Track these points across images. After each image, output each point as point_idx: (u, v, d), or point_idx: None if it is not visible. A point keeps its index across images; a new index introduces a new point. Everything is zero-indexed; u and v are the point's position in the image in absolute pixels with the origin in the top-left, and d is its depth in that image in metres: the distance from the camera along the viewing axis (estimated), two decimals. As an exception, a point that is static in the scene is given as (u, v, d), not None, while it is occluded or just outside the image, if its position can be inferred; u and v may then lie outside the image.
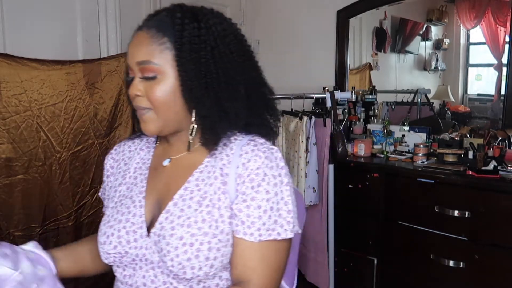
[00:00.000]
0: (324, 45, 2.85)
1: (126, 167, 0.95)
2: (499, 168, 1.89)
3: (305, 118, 2.03)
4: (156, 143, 0.96)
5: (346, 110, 2.70)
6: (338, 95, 2.21)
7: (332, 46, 2.81)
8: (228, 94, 0.81)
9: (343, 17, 2.75)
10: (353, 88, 2.80)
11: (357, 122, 2.71)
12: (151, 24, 0.81)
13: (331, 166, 2.05)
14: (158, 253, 0.80)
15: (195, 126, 0.82)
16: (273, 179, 0.79)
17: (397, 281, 2.14)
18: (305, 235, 2.24)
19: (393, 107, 2.80)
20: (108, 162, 1.01)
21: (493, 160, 1.93)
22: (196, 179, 0.83)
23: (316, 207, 2.11)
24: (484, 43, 2.61)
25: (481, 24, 2.58)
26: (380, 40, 2.89)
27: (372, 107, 2.78)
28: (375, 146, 2.45)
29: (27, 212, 2.03)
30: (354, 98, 2.63)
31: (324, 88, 2.67)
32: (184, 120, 0.83)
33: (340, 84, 2.78)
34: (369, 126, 2.63)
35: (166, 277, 0.80)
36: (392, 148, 2.41)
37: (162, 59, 0.78)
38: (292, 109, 2.20)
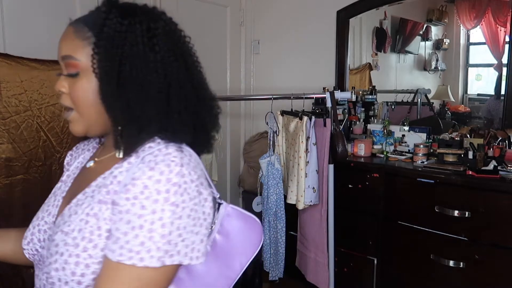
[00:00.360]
0: (324, 45, 2.85)
1: (69, 166, 0.94)
2: (499, 168, 1.89)
3: (305, 118, 2.03)
4: (99, 144, 0.91)
5: (346, 110, 2.70)
6: (338, 95, 2.21)
7: (332, 46, 2.81)
8: (141, 96, 0.72)
9: (343, 17, 2.75)
10: (353, 88, 2.80)
11: (357, 122, 2.71)
12: (80, 19, 0.77)
13: (331, 166, 2.05)
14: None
15: (114, 129, 0.75)
16: (156, 195, 0.66)
17: (397, 281, 2.14)
18: (305, 235, 2.24)
19: (393, 107, 2.80)
20: (66, 158, 0.98)
21: (493, 160, 1.93)
22: (96, 185, 0.76)
23: (316, 207, 2.11)
24: (484, 43, 2.61)
25: (481, 24, 2.58)
26: (380, 40, 2.89)
27: (372, 107, 2.78)
28: (375, 146, 2.45)
29: (27, 212, 2.03)
30: (354, 98, 2.63)
31: (324, 88, 2.67)
32: (109, 121, 0.75)
33: (340, 84, 2.78)
34: (369, 126, 2.63)
35: (47, 285, 0.74)
36: (392, 148, 2.41)
37: (85, 55, 0.73)
38: (292, 109, 2.20)
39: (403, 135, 2.42)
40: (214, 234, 0.78)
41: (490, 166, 1.90)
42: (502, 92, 2.31)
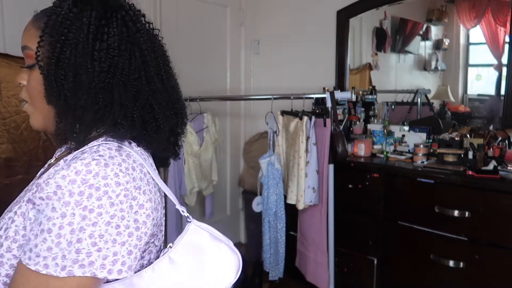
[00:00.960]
0: (324, 45, 2.85)
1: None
2: (499, 168, 1.89)
3: (305, 118, 2.04)
4: None
5: (346, 110, 2.70)
6: (338, 95, 2.21)
7: (332, 46, 2.81)
8: (77, 84, 0.67)
9: (343, 17, 2.75)
10: (353, 88, 2.80)
11: (357, 122, 2.71)
12: (40, 11, 0.74)
13: (331, 166, 2.05)
14: None
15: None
16: (68, 197, 0.60)
17: (397, 281, 2.14)
18: (305, 235, 2.24)
19: (393, 107, 2.79)
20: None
21: (493, 160, 1.93)
22: (32, 183, 0.73)
23: (316, 207, 2.11)
24: (484, 43, 2.61)
25: (481, 24, 2.58)
26: (380, 40, 2.89)
27: (372, 107, 2.78)
28: (375, 146, 2.45)
29: (27, 212, 2.04)
30: (354, 98, 2.62)
31: (324, 88, 2.66)
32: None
33: (340, 84, 2.78)
34: (369, 126, 2.63)
35: None
36: (392, 148, 2.41)
37: (38, 47, 0.69)
38: (292, 109, 2.20)
39: (403, 135, 2.42)
40: (167, 256, 0.70)
41: (490, 166, 1.90)
42: (502, 92, 2.31)
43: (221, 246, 0.73)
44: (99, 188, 0.61)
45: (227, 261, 0.73)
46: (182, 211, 0.75)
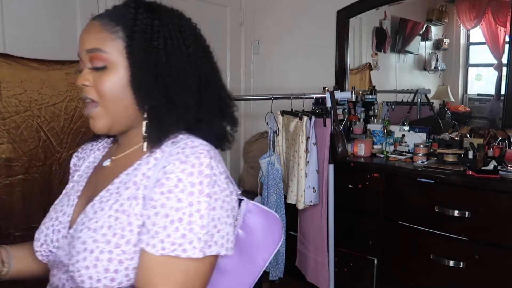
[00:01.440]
0: (324, 45, 2.85)
1: (79, 167, 0.94)
2: (499, 168, 1.89)
3: (305, 118, 2.03)
4: (111, 144, 0.91)
5: (346, 110, 2.70)
6: (338, 95, 2.21)
7: (332, 46, 2.81)
8: (179, 85, 0.75)
9: (343, 17, 2.75)
10: (353, 88, 2.80)
11: (357, 122, 2.70)
12: (104, 14, 0.77)
13: (331, 166, 2.05)
14: (67, 256, 0.74)
15: (147, 122, 0.76)
16: (190, 187, 0.67)
17: (397, 281, 2.14)
18: (305, 235, 2.24)
19: (393, 107, 2.79)
20: (72, 160, 0.97)
21: (493, 160, 1.93)
22: (120, 181, 0.76)
23: (316, 207, 2.11)
24: (484, 43, 2.61)
25: (481, 24, 2.58)
26: (380, 40, 2.89)
27: (372, 107, 2.78)
28: (375, 146, 2.45)
29: (27, 212, 2.04)
30: (354, 98, 2.63)
31: (324, 88, 2.67)
32: (133, 116, 0.77)
33: (340, 84, 2.78)
34: (369, 126, 2.63)
35: (72, 284, 0.73)
36: (392, 148, 2.41)
37: (113, 48, 0.74)
38: (292, 109, 2.20)
39: (403, 135, 2.42)
40: (238, 229, 0.79)
41: (490, 166, 1.90)
42: (502, 92, 2.31)
43: (268, 214, 0.85)
44: (211, 177, 0.70)
45: (276, 224, 0.86)
46: (240, 194, 0.82)
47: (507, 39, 2.35)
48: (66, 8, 2.25)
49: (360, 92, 2.80)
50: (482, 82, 2.69)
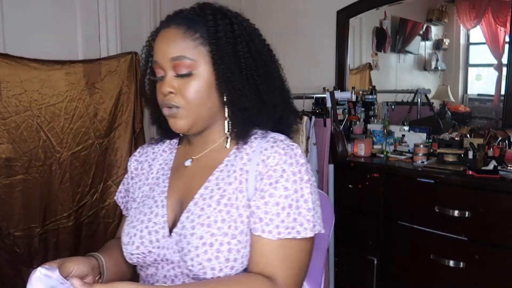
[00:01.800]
0: (324, 45, 2.85)
1: (149, 168, 0.96)
2: (499, 168, 1.89)
3: (305, 118, 2.03)
4: (178, 145, 0.96)
5: (346, 110, 2.70)
6: (338, 95, 2.21)
7: (332, 46, 2.81)
8: (267, 86, 0.83)
9: (343, 17, 2.75)
10: (353, 88, 2.80)
11: (357, 122, 2.70)
12: (179, 22, 0.80)
13: (331, 166, 2.05)
14: (179, 253, 0.79)
15: (229, 121, 0.83)
16: (292, 176, 0.77)
17: (397, 281, 2.14)
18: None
19: (393, 107, 2.79)
20: (132, 164, 1.00)
21: (493, 160, 1.93)
22: (216, 178, 0.83)
23: (316, 207, 2.10)
24: (484, 43, 2.61)
25: (481, 24, 2.58)
26: (380, 40, 2.89)
27: (372, 107, 2.78)
28: (375, 146, 2.45)
29: (27, 212, 2.04)
30: (354, 98, 2.63)
31: (324, 88, 2.67)
32: (213, 116, 0.83)
33: (340, 84, 2.78)
34: (369, 126, 2.63)
35: (186, 277, 0.80)
36: (392, 148, 2.41)
37: (196, 55, 0.79)
38: (292, 109, 2.19)
39: (403, 135, 2.42)
40: None
41: (490, 166, 1.90)
42: (502, 92, 2.30)
43: (322, 196, 0.98)
44: (305, 165, 0.80)
45: (327, 201, 1.02)
46: None
47: (507, 39, 2.35)
48: (66, 8, 2.25)
49: (360, 92, 2.80)
50: (482, 82, 2.69)
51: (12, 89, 2.01)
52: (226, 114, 0.83)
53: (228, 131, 0.84)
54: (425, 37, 2.83)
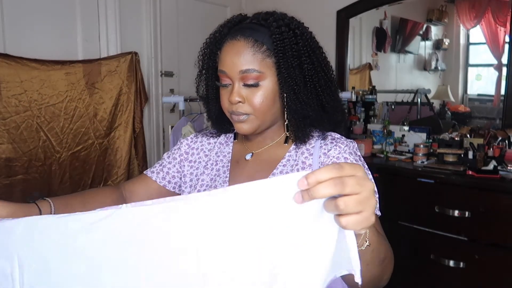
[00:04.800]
0: (324, 45, 2.82)
1: (207, 158, 1.01)
2: (499, 168, 1.89)
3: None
4: (234, 140, 1.01)
5: (346, 110, 2.70)
6: (338, 95, 2.20)
7: (332, 46, 2.81)
8: (328, 95, 0.90)
9: (343, 17, 2.75)
10: (353, 88, 2.80)
11: (357, 122, 2.70)
12: (247, 34, 0.85)
13: (331, 166, 2.05)
14: None
15: (289, 125, 0.90)
16: (356, 163, 0.79)
17: (397, 281, 2.13)
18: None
19: (393, 107, 2.79)
20: (183, 147, 1.04)
21: (493, 160, 1.93)
22: (280, 172, 0.89)
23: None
24: (484, 43, 2.61)
25: (481, 24, 2.58)
26: (380, 40, 2.89)
27: (372, 107, 2.78)
28: (375, 146, 2.45)
29: (27, 212, 2.04)
30: (354, 98, 2.63)
31: (324, 88, 2.66)
32: (276, 119, 0.91)
33: (340, 84, 2.78)
34: (369, 126, 2.63)
35: None
36: (392, 148, 2.41)
37: (264, 67, 0.84)
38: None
39: (403, 135, 2.42)
40: None
41: (490, 166, 1.90)
42: (502, 92, 2.31)
43: None
44: (361, 156, 0.92)
45: None
46: None
47: (507, 39, 2.35)
48: (66, 8, 2.25)
49: (360, 92, 2.80)
50: (482, 82, 2.69)
51: (12, 89, 2.01)
52: (286, 118, 0.89)
53: (287, 132, 0.91)
54: (425, 37, 2.83)
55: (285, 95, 0.85)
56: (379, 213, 0.90)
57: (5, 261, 0.70)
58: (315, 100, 0.88)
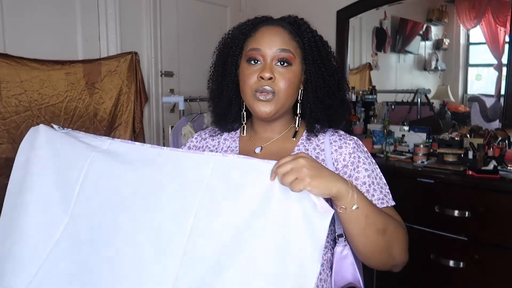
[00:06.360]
0: (324, 45, 2.84)
1: None
2: (499, 168, 1.89)
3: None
4: (240, 135, 1.06)
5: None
6: (338, 95, 2.20)
7: (332, 46, 2.80)
8: (336, 98, 0.98)
9: (343, 17, 2.75)
10: (353, 88, 2.80)
11: (357, 122, 2.71)
12: (284, 25, 0.97)
13: (331, 166, 2.05)
14: None
15: (299, 117, 0.99)
16: (366, 160, 0.94)
17: (397, 281, 2.14)
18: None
19: (393, 107, 2.79)
20: (188, 144, 1.10)
21: (493, 160, 1.93)
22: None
23: (316, 207, 2.10)
24: (484, 43, 2.61)
25: (481, 24, 2.58)
26: (380, 40, 2.89)
27: (372, 107, 2.78)
28: (375, 146, 2.45)
29: (27, 212, 2.04)
30: (354, 98, 2.63)
31: (324, 88, 2.66)
32: (288, 110, 0.99)
33: (340, 84, 2.78)
34: (369, 126, 2.63)
35: None
36: (392, 148, 2.41)
37: (296, 52, 0.95)
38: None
39: (403, 135, 2.42)
40: None
41: (490, 166, 1.90)
42: (502, 92, 2.30)
43: None
44: (367, 151, 0.98)
45: None
46: None
47: (507, 39, 2.35)
48: (66, 8, 2.25)
49: (360, 92, 2.80)
50: (482, 82, 2.69)
51: (12, 89, 2.01)
52: (298, 111, 0.99)
53: (297, 126, 0.99)
54: (425, 37, 2.83)
55: (305, 86, 0.97)
56: (393, 202, 1.00)
57: (74, 171, 0.86)
58: (326, 102, 0.97)
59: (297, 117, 0.99)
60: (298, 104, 0.98)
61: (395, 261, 0.91)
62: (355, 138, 0.98)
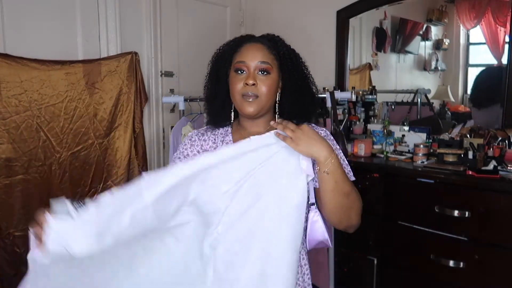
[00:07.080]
0: (324, 45, 2.85)
1: (215, 145, 1.24)
2: (499, 168, 1.89)
3: (305, 118, 2.03)
4: (231, 131, 1.26)
5: (346, 110, 2.70)
6: (338, 95, 2.21)
7: (332, 46, 2.81)
8: (306, 99, 1.23)
9: (343, 17, 2.75)
10: (353, 88, 2.80)
11: (357, 122, 2.70)
12: (264, 41, 1.20)
13: (331, 166, 2.04)
14: None
15: (278, 115, 1.21)
16: (335, 146, 1.19)
17: (397, 281, 2.14)
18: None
19: (393, 107, 2.79)
20: (185, 151, 1.25)
21: (493, 160, 1.93)
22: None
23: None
24: (484, 43, 2.61)
25: (481, 24, 2.58)
26: (380, 40, 2.89)
27: (372, 107, 2.78)
28: (375, 146, 2.45)
29: (27, 212, 2.04)
30: (354, 98, 2.62)
31: (324, 88, 2.66)
32: (269, 110, 1.20)
33: (340, 84, 2.78)
34: (369, 126, 2.63)
35: None
36: (392, 148, 2.41)
37: (274, 64, 1.18)
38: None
39: (403, 135, 2.42)
40: None
41: (490, 166, 1.90)
42: (502, 92, 2.30)
43: None
44: (332, 139, 1.24)
45: None
46: None
47: (507, 39, 2.35)
48: (66, 8, 2.25)
49: (360, 92, 2.80)
50: (482, 82, 2.69)
51: (12, 89, 2.01)
52: (277, 110, 1.21)
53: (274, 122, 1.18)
54: (425, 37, 2.83)
55: (282, 89, 1.20)
56: (353, 178, 1.22)
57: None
58: (299, 101, 1.20)
59: (277, 115, 1.21)
60: (277, 104, 1.21)
61: (351, 221, 1.14)
62: (325, 129, 1.25)
